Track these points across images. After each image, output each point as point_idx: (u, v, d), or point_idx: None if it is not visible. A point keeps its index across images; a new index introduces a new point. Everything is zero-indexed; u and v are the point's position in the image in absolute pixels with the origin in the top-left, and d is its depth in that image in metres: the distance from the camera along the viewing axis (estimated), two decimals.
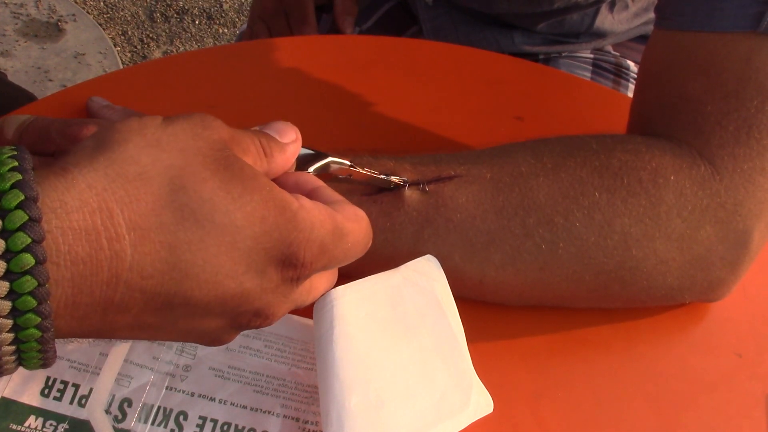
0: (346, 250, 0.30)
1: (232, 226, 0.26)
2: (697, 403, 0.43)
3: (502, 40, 0.72)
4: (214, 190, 0.26)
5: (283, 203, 0.27)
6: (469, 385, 0.36)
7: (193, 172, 0.26)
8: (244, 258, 0.26)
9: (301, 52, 0.59)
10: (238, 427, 0.39)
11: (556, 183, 0.41)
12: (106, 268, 0.24)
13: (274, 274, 0.27)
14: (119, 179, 0.25)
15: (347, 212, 0.30)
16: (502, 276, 0.41)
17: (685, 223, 0.40)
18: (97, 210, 0.24)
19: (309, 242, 0.28)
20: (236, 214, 0.26)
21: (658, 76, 0.44)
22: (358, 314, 0.37)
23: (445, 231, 0.40)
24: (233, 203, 0.26)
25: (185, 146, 0.26)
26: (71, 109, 0.52)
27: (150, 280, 0.25)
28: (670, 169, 0.40)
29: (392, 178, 0.40)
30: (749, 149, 0.40)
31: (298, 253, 0.27)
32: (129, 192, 0.25)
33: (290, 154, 0.31)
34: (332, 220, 0.29)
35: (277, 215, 0.27)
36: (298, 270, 0.28)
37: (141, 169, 0.25)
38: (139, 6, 1.73)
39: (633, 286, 0.41)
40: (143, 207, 0.25)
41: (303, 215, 0.28)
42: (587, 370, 0.43)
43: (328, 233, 0.28)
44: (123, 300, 0.25)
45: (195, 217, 0.25)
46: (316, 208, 0.29)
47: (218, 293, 0.26)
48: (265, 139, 0.30)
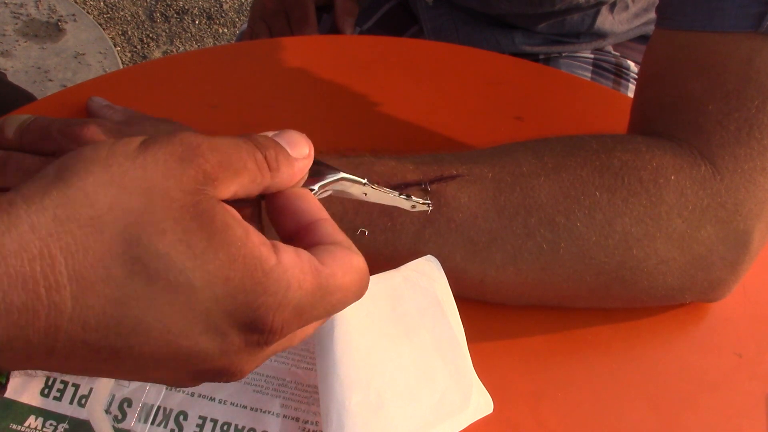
0: (332, 306, 0.27)
1: (189, 286, 0.23)
2: (697, 403, 0.43)
3: (502, 41, 0.72)
4: (173, 243, 0.23)
5: (254, 261, 0.24)
6: (469, 385, 0.36)
7: (152, 221, 0.23)
8: (201, 319, 0.24)
9: (302, 52, 0.59)
10: (237, 427, 0.39)
11: (557, 183, 0.41)
12: (43, 318, 0.22)
13: (236, 338, 0.25)
14: (69, 223, 0.23)
15: (340, 264, 0.27)
16: (503, 276, 0.41)
17: (686, 222, 0.40)
18: (38, 257, 0.22)
19: (280, 306, 0.25)
20: (195, 273, 0.23)
21: (659, 75, 0.44)
22: (358, 314, 0.37)
23: (447, 230, 0.40)
24: (193, 260, 0.23)
25: (151, 186, 0.24)
26: (71, 109, 0.52)
27: (93, 333, 0.23)
28: (670, 169, 0.40)
29: (414, 199, 0.35)
30: (750, 149, 0.40)
31: (266, 318, 0.25)
32: (77, 239, 0.22)
33: (298, 170, 0.29)
34: (315, 278, 0.26)
35: (243, 276, 0.24)
36: (265, 335, 0.25)
37: (95, 213, 0.23)
38: (139, 6, 1.74)
39: (634, 285, 0.41)
40: (90, 257, 0.23)
41: (277, 275, 0.25)
42: (587, 370, 0.43)
43: (307, 294, 0.25)
44: (66, 349, 0.23)
45: (147, 273, 0.23)
46: (298, 265, 0.25)
47: (170, 351, 0.24)
48: (273, 150, 0.28)
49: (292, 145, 0.29)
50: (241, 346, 0.25)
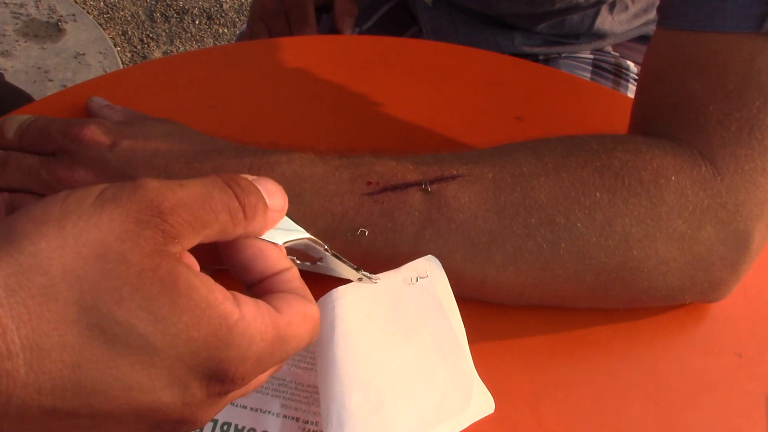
0: (285, 354, 0.28)
1: (150, 348, 0.23)
2: (697, 403, 0.43)
3: (502, 41, 0.72)
4: (131, 310, 0.23)
5: (218, 319, 0.24)
6: (470, 385, 0.36)
7: (108, 288, 0.23)
8: (164, 374, 0.24)
9: (301, 52, 0.59)
10: (237, 427, 0.39)
11: (557, 183, 0.41)
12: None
13: (198, 390, 0.25)
14: (21, 292, 0.22)
15: (294, 313, 0.28)
16: (503, 276, 0.41)
17: (686, 223, 0.40)
18: None
19: (244, 359, 0.25)
20: (156, 337, 0.23)
21: (660, 76, 0.44)
22: (358, 314, 0.37)
23: (447, 231, 0.40)
24: (154, 325, 0.23)
25: (107, 250, 0.23)
26: (71, 109, 0.52)
27: (49, 396, 0.23)
28: (671, 169, 0.40)
29: (363, 272, 0.36)
30: (751, 150, 0.40)
31: (228, 371, 0.25)
32: (29, 308, 0.22)
33: (270, 221, 0.29)
34: (275, 329, 0.26)
35: (208, 335, 0.24)
36: (227, 385, 0.26)
37: (48, 281, 0.22)
38: (139, 6, 1.74)
39: (634, 286, 0.41)
40: (44, 326, 0.22)
41: (241, 329, 0.25)
42: (587, 370, 0.43)
43: (268, 345, 0.26)
44: (19, 413, 0.23)
45: (105, 338, 0.23)
46: (258, 318, 0.26)
47: (132, 406, 0.24)
48: (254, 197, 0.27)
49: (269, 194, 0.28)
50: (203, 397, 0.26)
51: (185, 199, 0.25)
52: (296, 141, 0.45)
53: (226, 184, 0.27)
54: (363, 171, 0.42)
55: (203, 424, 0.28)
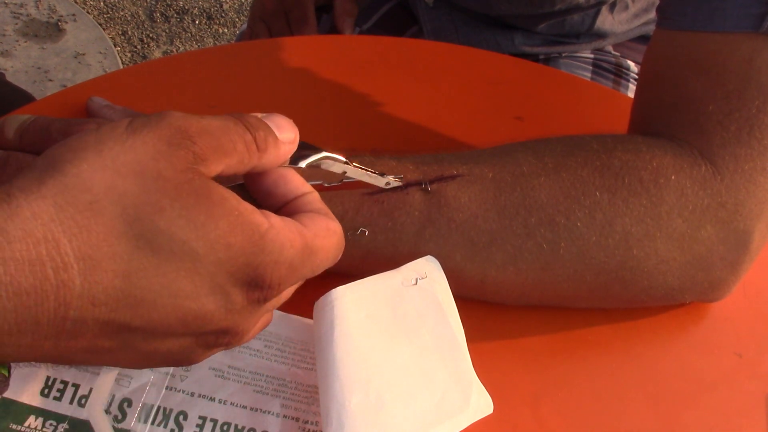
0: (315, 266, 0.29)
1: (193, 254, 0.25)
2: (697, 403, 0.43)
3: (502, 41, 0.72)
4: (172, 219, 0.25)
5: (251, 227, 0.26)
6: (469, 386, 0.36)
7: (149, 202, 0.24)
8: (207, 281, 0.26)
9: (301, 52, 0.59)
10: (237, 427, 0.39)
11: (557, 183, 0.41)
12: (52, 298, 0.23)
13: (239, 296, 0.27)
14: (69, 208, 0.24)
15: (319, 227, 0.29)
16: (503, 276, 0.41)
17: (686, 223, 0.40)
18: (42, 240, 0.23)
19: (277, 264, 0.27)
20: (197, 243, 0.25)
21: (660, 75, 0.44)
22: (358, 314, 0.37)
23: (447, 231, 0.40)
24: (194, 232, 0.25)
25: (144, 169, 0.25)
26: (71, 109, 0.52)
27: (102, 307, 0.24)
28: (671, 169, 0.40)
29: (389, 177, 0.39)
30: (750, 149, 0.40)
31: (265, 275, 0.27)
32: (78, 222, 0.24)
33: (283, 152, 0.30)
34: (302, 238, 0.28)
35: (243, 241, 0.26)
36: (265, 291, 0.27)
37: (93, 198, 0.24)
38: (139, 6, 1.74)
39: (634, 285, 0.41)
40: (94, 238, 0.24)
41: (272, 236, 0.27)
42: (587, 370, 0.43)
43: (298, 253, 0.28)
44: (75, 327, 0.24)
45: (151, 247, 0.24)
46: (286, 227, 0.28)
47: (178, 315, 0.26)
48: (262, 131, 0.29)
49: (279, 128, 0.30)
50: (244, 303, 0.27)
51: (208, 128, 0.27)
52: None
53: (238, 119, 0.28)
54: None
55: (244, 339, 0.29)
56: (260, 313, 0.29)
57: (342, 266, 0.42)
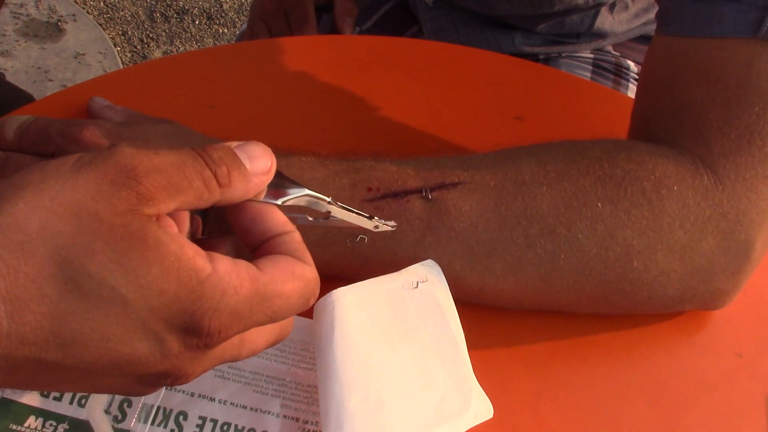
0: (271, 312, 0.28)
1: (122, 300, 0.24)
2: (697, 404, 0.43)
3: (502, 41, 0.72)
4: (103, 263, 0.24)
5: (188, 273, 0.25)
6: (469, 390, 0.36)
7: (81, 243, 0.24)
8: (139, 327, 0.25)
9: (301, 52, 0.59)
10: (237, 427, 0.39)
11: (559, 192, 0.40)
12: None
13: (174, 342, 0.26)
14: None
15: (279, 271, 0.28)
16: (502, 285, 0.41)
17: (688, 234, 0.40)
18: None
19: (216, 312, 0.26)
20: (127, 288, 0.24)
21: (660, 81, 0.44)
22: (358, 316, 0.37)
23: (447, 239, 0.40)
24: (124, 277, 0.24)
25: (81, 209, 0.24)
26: (71, 109, 0.52)
27: (32, 346, 0.24)
28: (673, 179, 0.40)
29: (377, 220, 0.35)
30: (751, 157, 0.40)
31: (202, 323, 0.26)
32: (7, 263, 0.23)
33: (253, 185, 0.29)
34: (252, 284, 0.27)
35: (178, 287, 0.25)
36: (204, 338, 0.26)
37: (24, 238, 0.24)
38: (139, 6, 1.74)
39: (633, 296, 0.41)
40: (22, 279, 0.23)
41: (212, 283, 0.26)
42: (587, 371, 0.43)
43: (244, 299, 0.26)
44: (8, 364, 0.24)
45: (80, 291, 0.24)
46: (233, 273, 0.26)
47: (111, 358, 0.25)
48: (226, 167, 0.28)
49: (252, 158, 0.29)
50: (181, 349, 0.26)
51: (159, 165, 0.26)
52: (296, 141, 0.45)
53: (198, 154, 0.27)
54: (363, 176, 0.41)
55: (192, 378, 0.28)
56: (207, 359, 0.28)
57: (341, 272, 0.42)
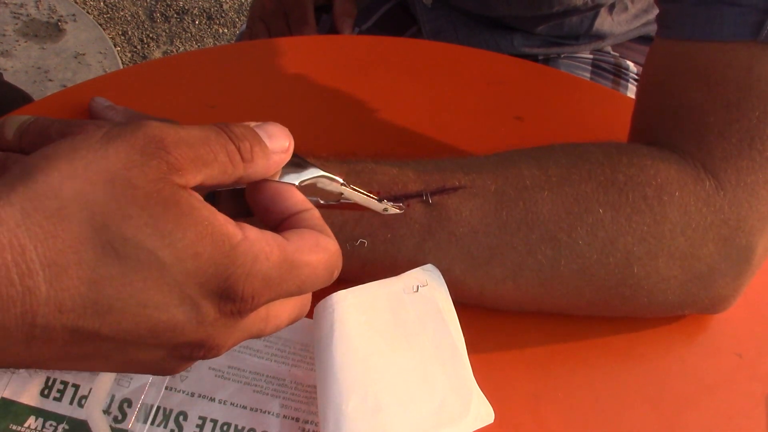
0: (299, 282, 0.28)
1: (159, 264, 0.25)
2: (697, 404, 0.43)
3: (501, 42, 0.72)
4: (139, 227, 0.24)
5: (221, 237, 0.26)
6: (469, 394, 0.36)
7: (117, 209, 0.24)
8: (175, 292, 0.25)
9: (301, 52, 0.59)
10: (237, 428, 0.39)
11: (560, 198, 0.40)
12: (18, 304, 0.23)
13: (210, 308, 0.26)
14: (36, 214, 0.23)
15: (305, 242, 0.28)
16: (502, 289, 0.41)
17: (689, 241, 0.40)
18: (7, 246, 0.23)
19: (249, 276, 0.26)
20: (163, 252, 0.25)
21: (660, 85, 0.43)
22: (358, 319, 0.37)
23: (447, 244, 0.40)
24: (161, 240, 0.25)
25: (114, 177, 0.25)
26: (71, 110, 0.52)
27: (70, 313, 0.24)
28: (675, 185, 0.40)
29: (385, 202, 0.37)
30: (752, 161, 0.40)
31: (236, 287, 0.26)
32: (45, 229, 0.23)
33: (273, 163, 0.29)
34: (281, 251, 0.27)
35: (212, 251, 0.25)
36: (238, 304, 0.26)
37: (60, 204, 0.24)
38: (139, 6, 1.73)
39: (633, 301, 0.41)
40: (60, 244, 0.24)
41: (244, 248, 0.26)
42: (587, 372, 0.43)
43: (274, 266, 0.27)
44: (44, 334, 0.24)
45: (117, 255, 0.24)
46: (263, 240, 0.27)
47: (148, 325, 0.25)
48: (248, 142, 0.28)
49: (271, 137, 0.30)
50: (216, 316, 0.26)
51: (186, 138, 0.26)
52: (296, 142, 0.44)
53: (221, 129, 0.28)
54: (364, 179, 0.41)
55: (224, 350, 0.28)
56: (240, 327, 0.28)
57: (342, 275, 0.42)
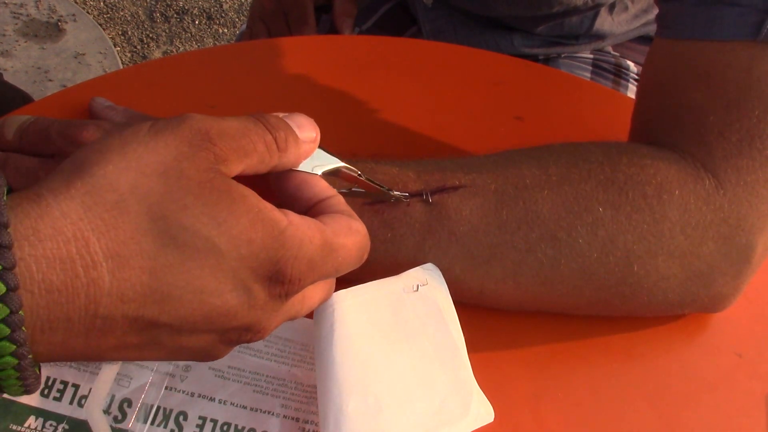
0: (337, 264, 0.29)
1: (216, 250, 0.26)
2: (697, 403, 0.43)
3: (501, 42, 0.72)
4: (196, 216, 0.25)
5: (271, 223, 0.27)
6: (469, 393, 0.36)
7: (173, 199, 0.25)
8: (230, 277, 0.26)
9: (301, 52, 0.59)
10: (237, 427, 0.39)
11: (560, 197, 0.40)
12: (83, 295, 0.24)
13: (260, 292, 0.27)
14: (96, 207, 0.24)
15: (340, 225, 0.30)
16: (502, 289, 0.41)
17: (688, 239, 0.40)
18: (72, 239, 0.24)
19: (296, 259, 0.27)
20: (220, 239, 0.26)
21: (660, 85, 0.43)
22: (358, 319, 0.37)
23: (447, 243, 0.40)
24: (217, 228, 0.26)
25: (167, 168, 0.26)
26: (71, 110, 0.52)
27: (131, 303, 0.25)
28: (675, 184, 0.40)
29: (395, 192, 0.39)
30: (752, 161, 0.40)
31: (285, 270, 0.27)
32: (106, 221, 0.24)
33: (304, 151, 0.31)
34: (322, 235, 0.28)
35: (264, 236, 0.26)
36: (286, 286, 0.28)
37: (119, 197, 0.25)
38: (139, 6, 1.73)
39: (633, 300, 0.41)
40: (121, 235, 0.24)
41: (291, 232, 0.27)
42: (587, 371, 0.43)
43: (317, 249, 0.28)
44: (104, 324, 0.25)
45: (176, 243, 0.25)
46: (305, 224, 0.28)
47: (204, 311, 0.26)
48: (283, 131, 0.30)
49: (300, 127, 0.31)
50: (266, 299, 0.28)
51: (227, 130, 0.28)
52: None
53: (258, 120, 0.29)
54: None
55: (268, 333, 0.29)
56: (282, 311, 0.29)
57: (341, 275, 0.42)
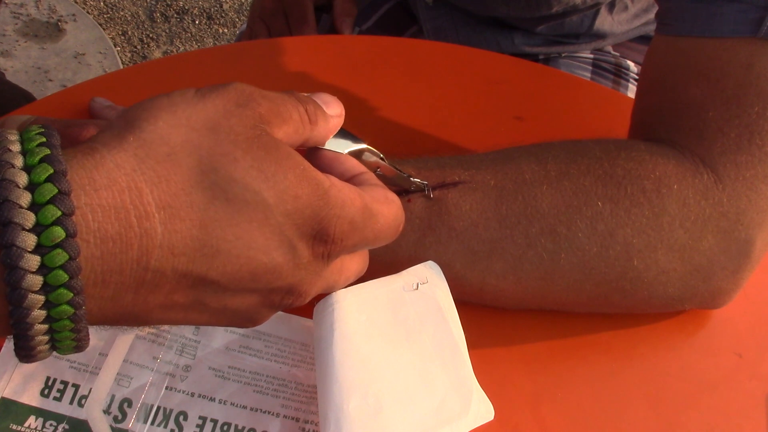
0: (376, 231, 0.30)
1: (264, 204, 0.26)
2: (697, 403, 0.43)
3: (502, 42, 0.72)
4: (245, 169, 0.26)
5: (315, 181, 0.27)
6: (469, 392, 0.36)
7: (223, 153, 0.26)
8: (276, 234, 0.27)
9: (301, 52, 0.59)
10: (238, 428, 0.39)
11: (559, 192, 0.40)
12: (136, 246, 0.24)
13: (305, 250, 0.28)
14: (148, 159, 0.25)
15: (378, 194, 0.31)
16: (502, 284, 0.41)
17: (688, 233, 0.40)
18: (126, 189, 0.24)
19: (340, 219, 0.28)
20: (269, 193, 0.26)
21: (660, 81, 0.44)
22: (358, 318, 0.37)
23: (447, 239, 0.40)
24: (265, 182, 0.26)
25: (216, 125, 0.26)
26: (71, 109, 0.52)
27: (181, 257, 0.25)
28: (673, 178, 0.40)
29: (415, 180, 0.40)
30: (751, 156, 0.40)
31: (329, 228, 0.28)
32: (158, 172, 0.25)
33: (332, 126, 0.32)
34: (362, 199, 0.29)
35: (310, 193, 0.27)
36: (329, 246, 0.28)
37: (170, 150, 0.25)
38: (139, 6, 1.73)
39: (634, 295, 0.41)
40: (173, 187, 0.25)
41: (335, 193, 0.28)
42: (587, 371, 0.43)
43: (359, 211, 0.29)
44: (155, 278, 0.25)
45: (226, 196, 0.25)
46: (346, 187, 0.29)
47: (250, 268, 0.27)
48: (312, 105, 0.30)
49: (326, 104, 0.32)
50: (309, 258, 0.28)
51: (268, 96, 0.28)
52: None
53: (291, 93, 0.30)
54: None
55: (309, 297, 0.30)
56: (323, 275, 0.30)
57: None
